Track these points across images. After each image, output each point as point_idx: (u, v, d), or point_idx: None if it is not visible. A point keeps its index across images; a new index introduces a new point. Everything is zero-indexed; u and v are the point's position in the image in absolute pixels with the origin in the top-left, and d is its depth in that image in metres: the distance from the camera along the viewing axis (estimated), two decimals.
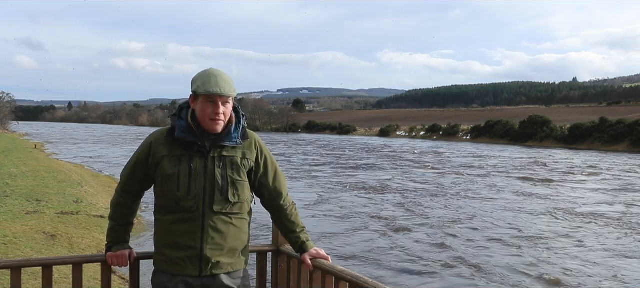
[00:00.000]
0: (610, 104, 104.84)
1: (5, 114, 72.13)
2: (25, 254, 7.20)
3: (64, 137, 61.61)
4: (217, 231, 2.38)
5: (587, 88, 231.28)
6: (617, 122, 48.96)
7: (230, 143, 2.41)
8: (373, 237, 11.12)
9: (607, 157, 37.97)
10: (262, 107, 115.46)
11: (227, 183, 2.39)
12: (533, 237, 11.29)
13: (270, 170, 2.56)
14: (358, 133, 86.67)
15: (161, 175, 2.39)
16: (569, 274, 8.67)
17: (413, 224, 12.42)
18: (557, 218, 13.53)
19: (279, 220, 2.64)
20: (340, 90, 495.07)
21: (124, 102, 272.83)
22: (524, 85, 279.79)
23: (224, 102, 2.36)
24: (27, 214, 9.99)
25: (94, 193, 14.36)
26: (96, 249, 8.38)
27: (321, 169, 26.35)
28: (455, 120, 79.24)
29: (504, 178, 22.77)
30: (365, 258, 9.43)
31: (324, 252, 2.61)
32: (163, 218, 2.42)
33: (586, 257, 9.71)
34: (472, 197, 16.87)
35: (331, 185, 19.66)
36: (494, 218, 13.37)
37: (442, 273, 8.70)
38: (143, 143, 2.48)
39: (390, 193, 17.64)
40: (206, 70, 2.41)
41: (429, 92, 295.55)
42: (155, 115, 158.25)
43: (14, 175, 16.23)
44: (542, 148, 48.66)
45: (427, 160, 33.35)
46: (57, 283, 5.05)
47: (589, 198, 17.15)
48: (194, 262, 2.37)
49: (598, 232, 11.91)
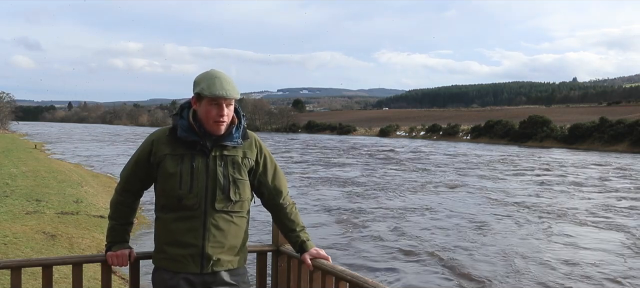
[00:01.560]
0: (610, 104, 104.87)
1: (5, 114, 72.11)
2: (25, 254, 7.20)
3: (60, 137, 61.82)
4: (219, 229, 2.41)
5: (587, 88, 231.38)
6: (617, 122, 48.98)
7: (231, 143, 2.43)
8: (331, 228, 12.03)
9: (578, 154, 39.20)
10: (262, 107, 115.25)
11: (228, 182, 2.41)
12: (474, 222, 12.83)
13: (269, 169, 2.58)
14: (358, 133, 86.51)
15: (163, 174, 2.40)
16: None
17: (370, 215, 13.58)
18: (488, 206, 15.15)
19: (278, 219, 2.65)
20: (340, 90, 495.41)
21: (124, 102, 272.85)
22: (524, 85, 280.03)
23: (227, 105, 2.38)
24: (27, 214, 9.99)
25: (94, 193, 14.37)
26: (96, 249, 8.39)
27: (298, 166, 27.42)
28: (455, 120, 79.25)
29: (464, 175, 23.96)
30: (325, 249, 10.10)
31: (324, 252, 2.61)
32: (164, 216, 2.43)
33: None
34: (430, 191, 18.26)
35: (303, 181, 20.76)
36: (436, 208, 14.79)
37: (395, 259, 9.58)
38: (144, 142, 2.49)
39: (352, 187, 18.97)
40: (209, 72, 2.42)
41: (429, 92, 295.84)
42: (155, 115, 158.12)
43: (14, 175, 16.23)
44: (542, 148, 48.65)
45: (404, 157, 34.59)
46: (57, 283, 5.05)
47: (524, 190, 18.60)
48: (196, 259, 2.39)
49: (517, 218, 13.43)
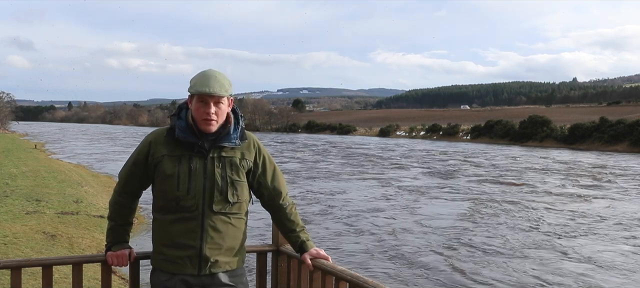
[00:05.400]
0: (610, 104, 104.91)
1: (5, 114, 72.05)
2: (25, 254, 7.19)
3: (58, 138, 61.86)
4: (217, 231, 2.39)
5: (587, 88, 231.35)
6: (617, 122, 48.99)
7: (229, 144, 2.42)
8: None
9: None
10: (262, 107, 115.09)
11: (226, 183, 2.40)
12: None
13: (268, 170, 2.56)
14: (358, 133, 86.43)
15: (161, 175, 2.39)
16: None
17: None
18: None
19: (278, 220, 2.65)
20: (341, 90, 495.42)
21: (124, 102, 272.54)
22: (524, 85, 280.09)
23: (215, 102, 2.35)
24: (27, 214, 9.99)
25: (94, 193, 14.36)
26: (96, 249, 8.38)
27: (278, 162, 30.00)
28: (455, 120, 79.25)
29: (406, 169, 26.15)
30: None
31: (324, 251, 2.61)
32: (162, 217, 2.42)
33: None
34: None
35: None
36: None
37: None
38: (142, 142, 2.48)
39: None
40: (203, 71, 2.40)
41: (429, 92, 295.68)
42: (155, 115, 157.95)
43: (14, 175, 16.23)
44: (542, 148, 48.66)
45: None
46: (57, 283, 5.05)
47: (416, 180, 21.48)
48: (193, 261, 2.38)
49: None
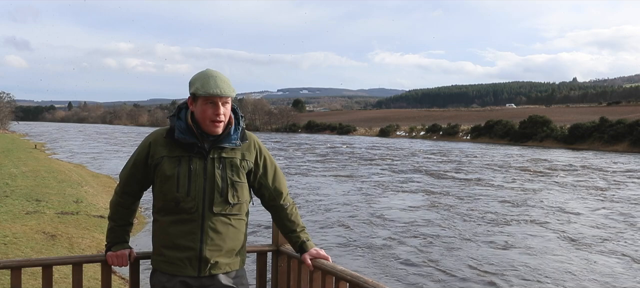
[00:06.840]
0: (610, 104, 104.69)
1: (5, 114, 72.05)
2: (25, 254, 7.19)
3: (56, 138, 61.94)
4: (217, 232, 2.38)
5: (587, 88, 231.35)
6: (617, 122, 48.92)
7: (229, 144, 2.41)
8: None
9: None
10: (262, 107, 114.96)
11: (226, 184, 2.39)
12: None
13: (269, 171, 2.56)
14: (358, 133, 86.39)
15: (160, 176, 2.38)
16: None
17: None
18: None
19: (279, 220, 2.64)
20: (341, 90, 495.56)
21: (124, 102, 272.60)
22: (524, 86, 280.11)
23: (223, 103, 2.35)
24: (27, 214, 9.99)
25: (94, 194, 14.36)
26: (96, 249, 8.38)
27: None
28: (455, 120, 79.19)
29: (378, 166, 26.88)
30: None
31: (324, 252, 2.61)
32: (162, 219, 2.41)
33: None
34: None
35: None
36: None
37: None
38: (142, 143, 2.47)
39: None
40: (203, 71, 2.39)
41: (429, 92, 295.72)
42: (155, 115, 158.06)
43: (14, 175, 16.23)
44: (542, 148, 48.64)
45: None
46: (57, 283, 5.05)
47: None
48: (193, 262, 2.36)
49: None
